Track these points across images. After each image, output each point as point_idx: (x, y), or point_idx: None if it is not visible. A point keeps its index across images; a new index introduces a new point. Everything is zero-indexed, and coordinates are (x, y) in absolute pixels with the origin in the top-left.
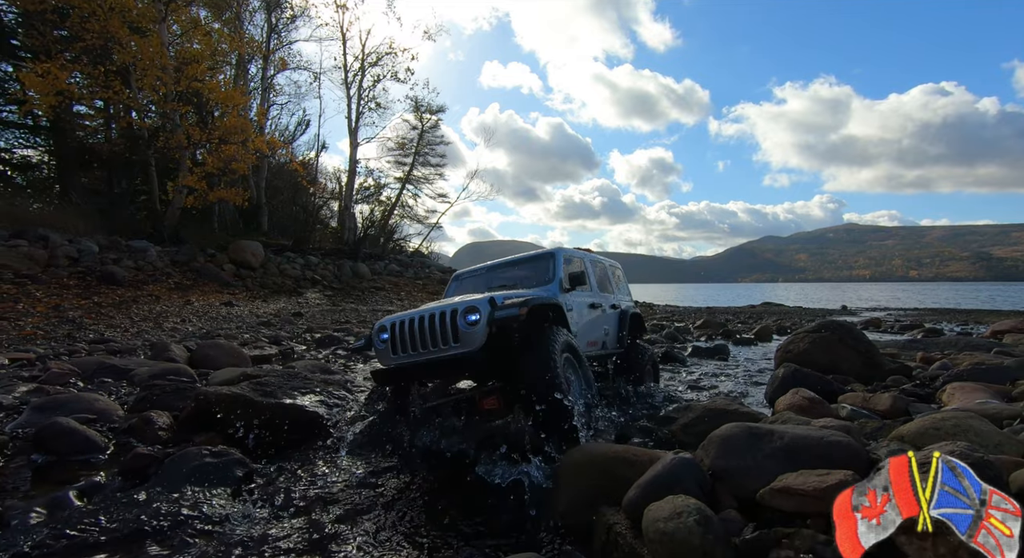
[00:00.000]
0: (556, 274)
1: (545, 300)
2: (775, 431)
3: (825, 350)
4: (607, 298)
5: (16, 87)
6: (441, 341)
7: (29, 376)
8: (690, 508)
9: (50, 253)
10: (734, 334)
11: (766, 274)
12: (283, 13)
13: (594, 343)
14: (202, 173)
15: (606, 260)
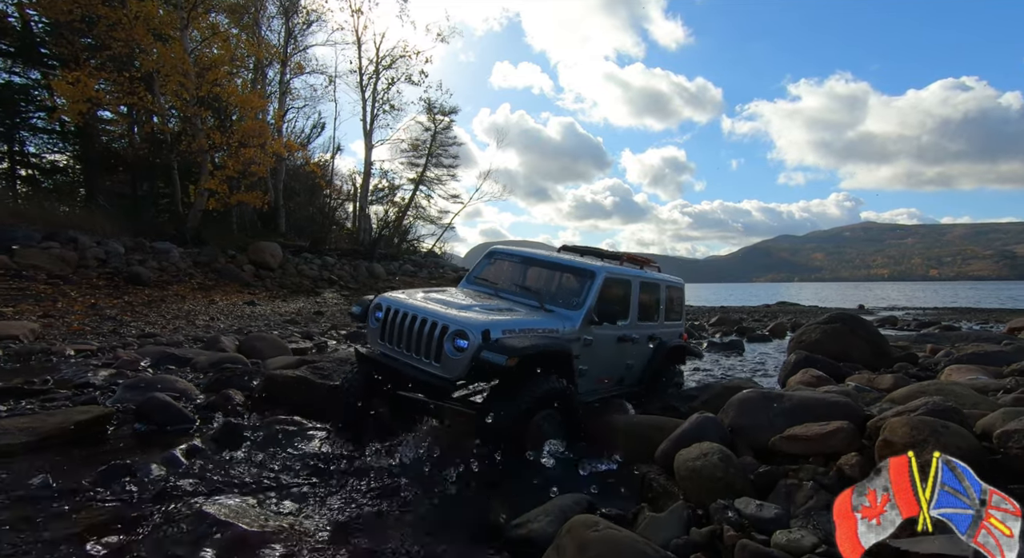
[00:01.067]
0: (587, 302)
1: (548, 347)
2: (784, 395)
3: (836, 340)
4: (646, 329)
5: (45, 94)
6: (424, 353)
7: (102, 363)
8: (714, 449)
9: (80, 255)
10: (749, 331)
11: (781, 274)
12: (300, 18)
13: (607, 379)
14: (223, 176)
15: (666, 280)
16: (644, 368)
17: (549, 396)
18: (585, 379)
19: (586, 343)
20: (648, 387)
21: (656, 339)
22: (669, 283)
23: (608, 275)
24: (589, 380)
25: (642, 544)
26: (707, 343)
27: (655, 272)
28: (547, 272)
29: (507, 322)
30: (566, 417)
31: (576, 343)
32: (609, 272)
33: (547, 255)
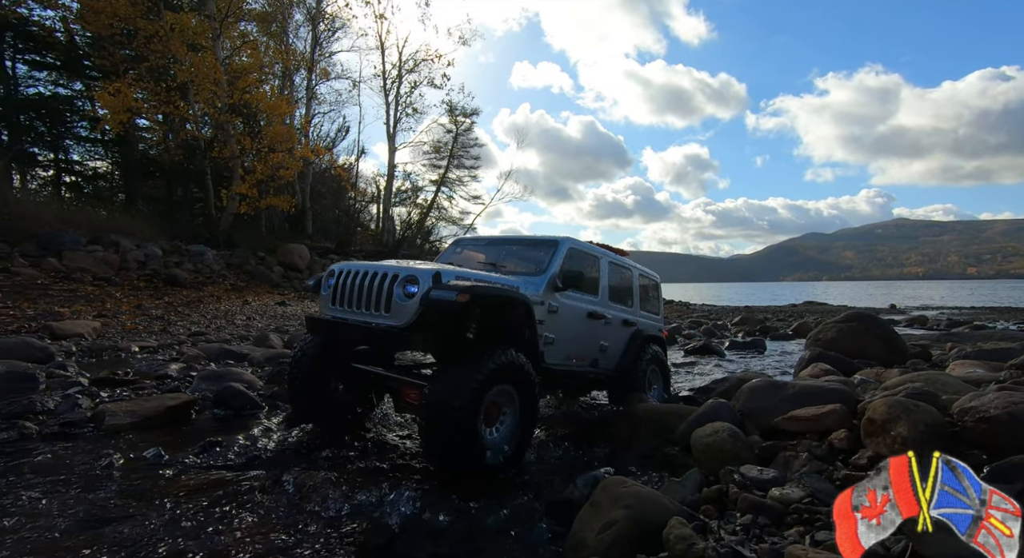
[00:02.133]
0: (551, 267)
1: (503, 291)
2: (788, 383)
3: (852, 338)
4: (619, 311)
5: (88, 105)
6: (374, 306)
7: (168, 359)
8: (725, 428)
9: (121, 257)
10: (772, 330)
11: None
12: (325, 25)
13: (580, 358)
14: (253, 181)
15: (638, 269)
16: (622, 354)
17: (506, 369)
18: (554, 349)
19: (551, 309)
20: (626, 376)
21: (632, 325)
22: (643, 273)
23: (573, 246)
24: (559, 352)
25: (663, 498)
26: (728, 342)
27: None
28: (512, 247)
29: (461, 272)
30: (523, 397)
31: (540, 307)
32: (574, 243)
33: (511, 235)
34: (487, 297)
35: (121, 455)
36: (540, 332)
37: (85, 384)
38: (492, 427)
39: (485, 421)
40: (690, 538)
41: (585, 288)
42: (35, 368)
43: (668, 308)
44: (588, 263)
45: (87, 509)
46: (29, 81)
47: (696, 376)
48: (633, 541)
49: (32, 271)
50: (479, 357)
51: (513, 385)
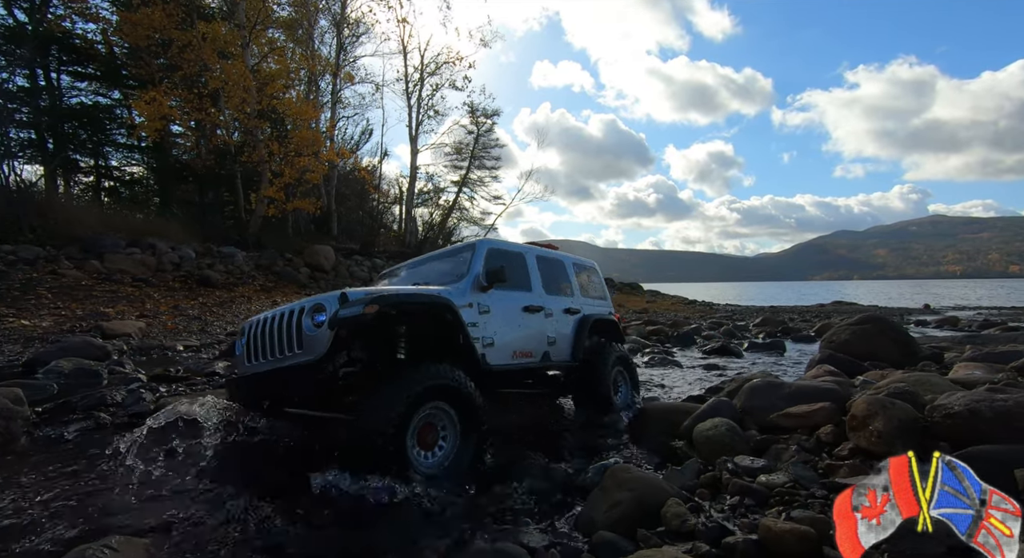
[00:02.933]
0: (473, 269)
1: (418, 296)
2: (786, 383)
3: (864, 340)
4: (559, 301)
5: (125, 113)
6: (287, 346)
7: (214, 356)
8: (723, 422)
9: (158, 259)
10: (794, 332)
11: (839, 271)
12: (350, 30)
13: (527, 354)
14: (281, 184)
15: (569, 258)
16: (573, 342)
17: (434, 387)
18: (496, 350)
19: (483, 309)
20: (587, 365)
21: (575, 312)
22: (576, 262)
23: (492, 246)
24: (502, 351)
25: (663, 483)
26: (748, 343)
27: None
28: (434, 263)
29: (374, 290)
30: (462, 412)
31: (470, 309)
32: (490, 244)
33: (431, 253)
34: (400, 305)
35: (182, 441)
36: (477, 334)
37: (144, 380)
38: (428, 451)
39: (420, 445)
40: (684, 515)
41: (516, 284)
42: (98, 365)
43: (690, 309)
44: (513, 260)
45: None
46: (72, 91)
47: (711, 376)
48: (635, 518)
49: (77, 273)
50: (400, 379)
51: (448, 401)
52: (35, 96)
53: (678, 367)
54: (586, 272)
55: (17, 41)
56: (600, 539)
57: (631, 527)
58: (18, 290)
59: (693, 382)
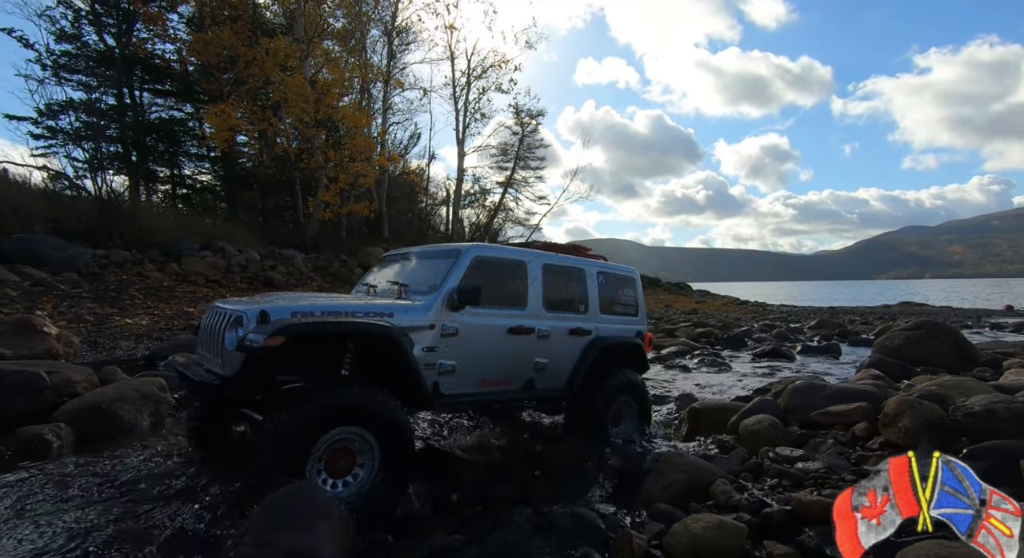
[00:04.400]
0: (447, 283)
1: (341, 324)
2: (827, 385)
3: (919, 345)
4: (562, 320)
5: (197, 125)
6: (215, 352)
7: None
8: (767, 418)
9: (227, 262)
10: (852, 335)
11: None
12: (400, 39)
13: (502, 382)
14: (336, 189)
15: (595, 266)
16: (573, 368)
17: (346, 410)
18: (456, 378)
19: (447, 332)
20: (583, 393)
21: (586, 333)
22: (604, 270)
23: (481, 254)
24: (465, 379)
25: (711, 466)
26: (800, 346)
27: (583, 257)
28: (419, 262)
29: (304, 305)
30: (385, 441)
31: (428, 332)
32: (483, 250)
33: (427, 247)
34: (315, 333)
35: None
36: (432, 360)
37: None
38: (340, 480)
39: (329, 472)
40: (729, 492)
41: (504, 301)
42: None
43: (741, 309)
44: (507, 271)
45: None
46: (152, 107)
47: (759, 379)
48: (687, 495)
49: (159, 275)
50: (308, 397)
51: (367, 427)
52: (122, 113)
53: (727, 369)
54: (616, 283)
55: (107, 63)
56: (657, 509)
57: (684, 501)
58: (114, 291)
59: (741, 384)
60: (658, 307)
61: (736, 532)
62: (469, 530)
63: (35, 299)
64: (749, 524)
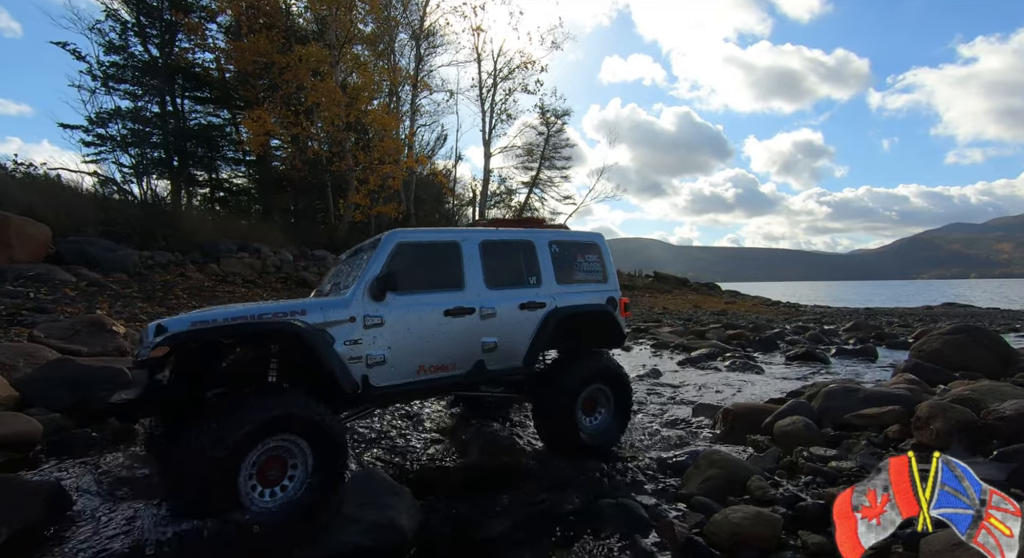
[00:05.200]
0: (367, 273)
1: (236, 327)
2: (861, 388)
3: (957, 350)
4: (510, 296)
5: (233, 130)
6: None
7: None
8: (801, 419)
9: (262, 262)
10: (890, 337)
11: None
12: (428, 42)
13: (444, 367)
14: (366, 191)
15: (543, 236)
16: (530, 344)
17: (277, 420)
18: (388, 368)
19: (371, 323)
20: (546, 373)
21: (540, 306)
22: (556, 240)
23: (404, 239)
24: (399, 368)
25: (747, 463)
26: (835, 349)
27: (529, 229)
28: (354, 257)
29: (208, 313)
30: (316, 444)
31: (348, 325)
32: (407, 236)
33: (362, 243)
34: (204, 339)
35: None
36: (358, 353)
37: None
38: (267, 489)
39: (262, 482)
40: (765, 487)
41: (437, 283)
42: None
43: (773, 310)
44: (437, 253)
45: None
46: (192, 114)
47: (793, 382)
48: (724, 489)
49: (200, 275)
50: (234, 410)
51: (298, 434)
52: (165, 120)
53: (759, 372)
54: (575, 250)
55: (152, 73)
56: (696, 501)
57: (721, 495)
58: (160, 291)
59: (774, 386)
60: (687, 308)
61: (772, 522)
62: (522, 517)
63: (92, 299)
64: (784, 516)
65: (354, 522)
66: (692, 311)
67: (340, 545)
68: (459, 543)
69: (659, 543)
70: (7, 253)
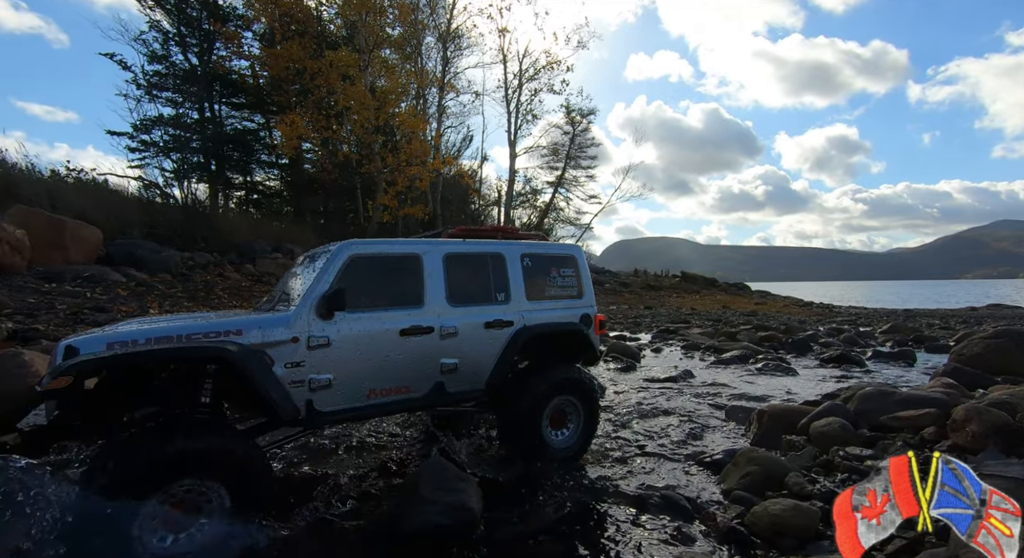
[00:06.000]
0: (314, 290)
1: (153, 352)
2: (897, 391)
3: (999, 354)
4: (475, 314)
5: (267, 135)
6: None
7: None
8: (836, 420)
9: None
10: (929, 340)
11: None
12: (454, 45)
13: (397, 390)
14: (394, 192)
15: (516, 248)
16: (495, 367)
17: (195, 454)
18: (334, 393)
19: (317, 344)
20: (509, 393)
21: (506, 325)
22: (529, 253)
23: (356, 254)
24: (347, 392)
25: (785, 461)
26: (871, 352)
27: (500, 241)
28: (307, 264)
29: (129, 332)
30: (231, 483)
31: (287, 346)
32: (360, 251)
33: (319, 248)
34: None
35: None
36: (300, 376)
37: None
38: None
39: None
40: (802, 484)
41: (393, 300)
42: None
43: (805, 311)
44: (394, 267)
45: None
46: (228, 119)
47: (828, 384)
48: (763, 484)
49: (237, 275)
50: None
51: (209, 477)
52: (203, 126)
53: (793, 375)
54: (549, 263)
55: (192, 80)
56: (736, 495)
57: (760, 490)
58: (203, 291)
59: (808, 389)
60: (715, 309)
61: (811, 514)
62: (572, 507)
63: (142, 298)
64: (821, 510)
65: (432, 503)
66: (721, 312)
67: (423, 523)
68: (518, 527)
69: (703, 531)
70: (64, 255)
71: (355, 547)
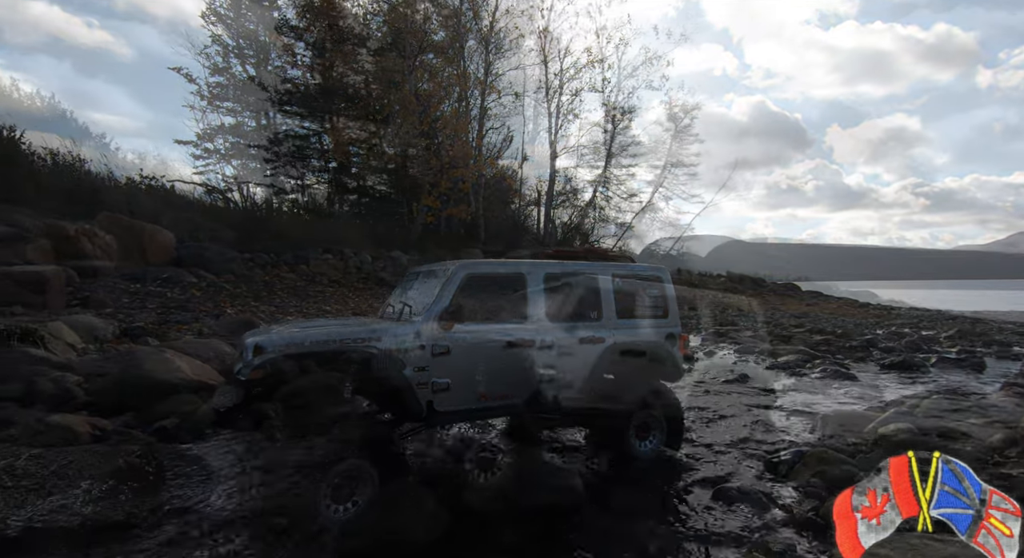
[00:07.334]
0: (437, 304)
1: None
2: (965, 399)
3: None
4: (569, 330)
5: (318, 140)
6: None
7: None
8: (903, 426)
9: (344, 264)
10: (1001, 346)
11: None
12: (496, 47)
13: (502, 396)
14: (437, 194)
15: (610, 268)
16: (587, 378)
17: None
18: (451, 395)
19: (439, 351)
20: (602, 402)
21: (598, 341)
22: (622, 272)
23: (472, 272)
24: (461, 396)
25: (853, 463)
26: (936, 358)
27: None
28: (423, 281)
29: (296, 335)
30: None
31: (418, 352)
32: (474, 268)
33: (428, 266)
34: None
35: None
36: (424, 379)
37: None
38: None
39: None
40: None
41: (502, 315)
42: None
43: (862, 313)
44: (503, 285)
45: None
46: (283, 126)
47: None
48: (833, 484)
49: (292, 275)
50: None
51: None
52: (260, 133)
53: (853, 380)
54: (638, 284)
55: (250, 91)
56: (809, 491)
57: (830, 488)
58: (265, 291)
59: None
60: (764, 310)
61: None
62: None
63: (214, 298)
64: None
65: (545, 485)
66: (770, 314)
67: (539, 499)
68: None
69: (781, 520)
70: (142, 257)
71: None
